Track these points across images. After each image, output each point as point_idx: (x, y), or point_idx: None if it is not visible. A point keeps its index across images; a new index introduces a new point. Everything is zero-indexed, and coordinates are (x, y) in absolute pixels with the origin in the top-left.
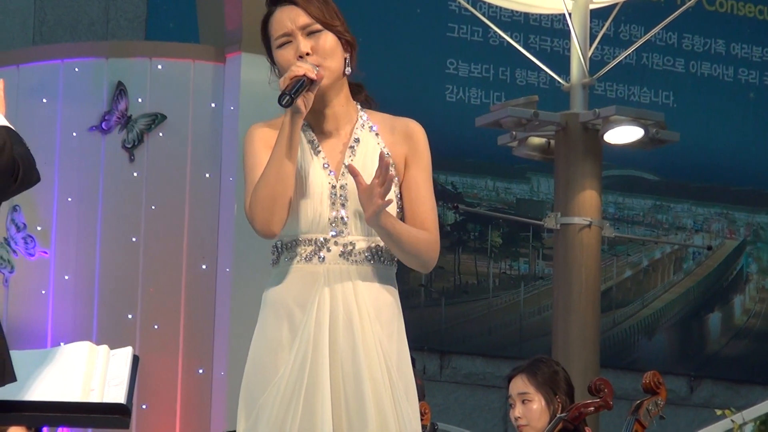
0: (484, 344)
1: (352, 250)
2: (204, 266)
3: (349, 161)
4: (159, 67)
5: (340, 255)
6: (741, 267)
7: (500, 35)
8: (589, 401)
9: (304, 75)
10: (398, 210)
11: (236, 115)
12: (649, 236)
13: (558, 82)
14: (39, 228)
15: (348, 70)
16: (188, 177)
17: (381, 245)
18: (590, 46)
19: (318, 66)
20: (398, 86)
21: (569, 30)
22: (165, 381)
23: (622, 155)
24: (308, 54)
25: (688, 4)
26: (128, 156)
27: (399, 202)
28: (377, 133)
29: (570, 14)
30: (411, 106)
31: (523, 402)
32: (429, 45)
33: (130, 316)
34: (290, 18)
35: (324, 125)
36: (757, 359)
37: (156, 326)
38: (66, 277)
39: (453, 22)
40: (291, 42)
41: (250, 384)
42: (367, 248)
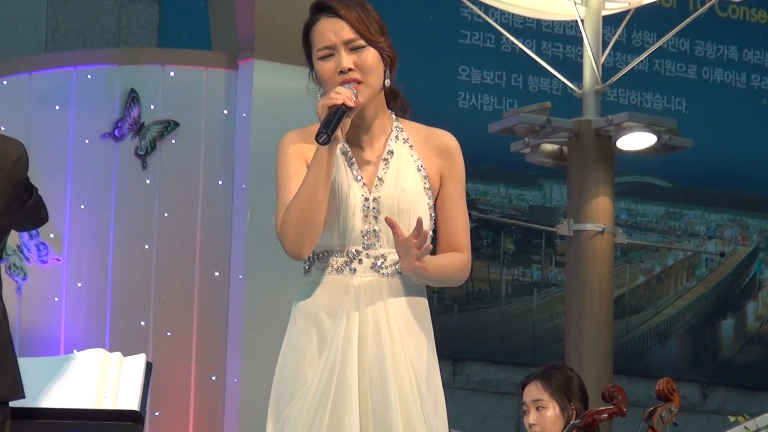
0: (497, 351)
1: (383, 263)
2: (217, 273)
3: (383, 174)
4: (171, 74)
5: (371, 267)
6: (754, 273)
7: (513, 42)
8: (603, 408)
9: (343, 104)
10: (431, 223)
11: (249, 122)
12: (662, 243)
13: (570, 89)
14: (52, 235)
15: (387, 83)
16: (201, 184)
17: None
18: (603, 53)
19: (359, 82)
20: (411, 93)
21: (582, 36)
22: (178, 388)
23: (635, 162)
24: (350, 69)
25: (701, 11)
26: (141, 163)
27: (432, 216)
28: (411, 146)
29: (582, 21)
30: (423, 113)
31: (538, 409)
32: (441, 52)
33: (143, 323)
34: (334, 31)
35: (358, 137)
36: None
37: (169, 333)
38: (79, 284)
39: (465, 29)
40: (333, 55)
41: (279, 392)
42: (398, 261)
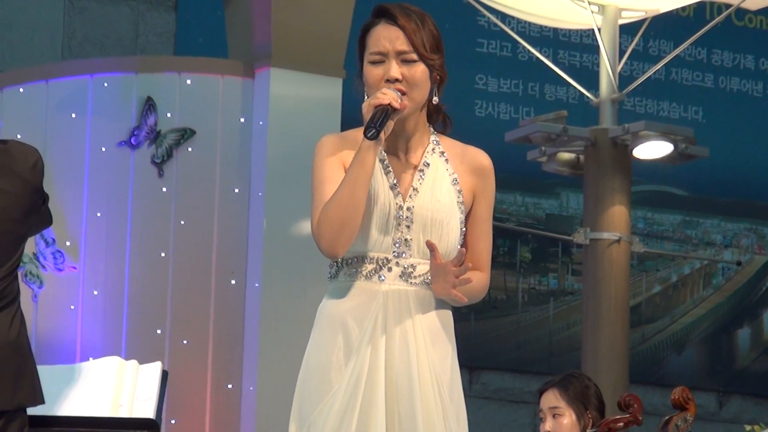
0: (514, 359)
1: (412, 273)
2: (233, 281)
3: (418, 184)
4: (188, 82)
5: (400, 276)
6: None
7: (529, 50)
8: (619, 417)
9: (389, 104)
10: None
11: (265, 130)
12: (679, 251)
13: (587, 98)
14: (68, 243)
15: (435, 100)
16: (217, 192)
17: None
18: (619, 62)
19: (403, 94)
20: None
21: (598, 45)
22: (194, 396)
23: (652, 170)
24: (397, 80)
25: (718, 20)
26: (157, 171)
27: (463, 231)
28: (447, 160)
29: (599, 29)
30: None
31: (554, 416)
32: (458, 60)
33: (159, 331)
34: (390, 39)
35: (396, 147)
36: None
37: (185, 341)
38: (95, 292)
39: (482, 38)
40: (384, 62)
41: (303, 396)
42: (427, 272)
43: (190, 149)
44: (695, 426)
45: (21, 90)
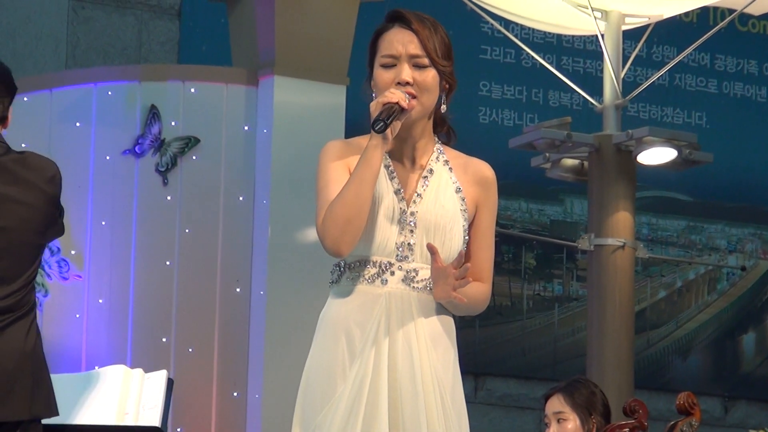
0: (518, 366)
1: (415, 277)
2: (238, 289)
3: (422, 190)
4: (192, 90)
5: (403, 280)
6: None
7: (533, 57)
8: (624, 422)
9: (397, 103)
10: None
11: (269, 138)
12: (683, 257)
13: (591, 104)
14: (73, 252)
15: (443, 108)
16: (222, 200)
17: None
18: (623, 68)
19: (413, 97)
20: None
21: (602, 51)
22: (200, 404)
23: (656, 176)
24: (407, 84)
25: (721, 25)
26: (162, 179)
27: (465, 239)
28: (451, 168)
29: (603, 35)
30: None
31: (559, 421)
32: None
33: (165, 340)
34: (403, 42)
35: (401, 153)
36: None
37: (190, 349)
38: (100, 301)
39: (486, 44)
40: (395, 66)
41: (307, 400)
42: (429, 278)
43: (195, 158)
44: (701, 431)
45: (25, 99)
